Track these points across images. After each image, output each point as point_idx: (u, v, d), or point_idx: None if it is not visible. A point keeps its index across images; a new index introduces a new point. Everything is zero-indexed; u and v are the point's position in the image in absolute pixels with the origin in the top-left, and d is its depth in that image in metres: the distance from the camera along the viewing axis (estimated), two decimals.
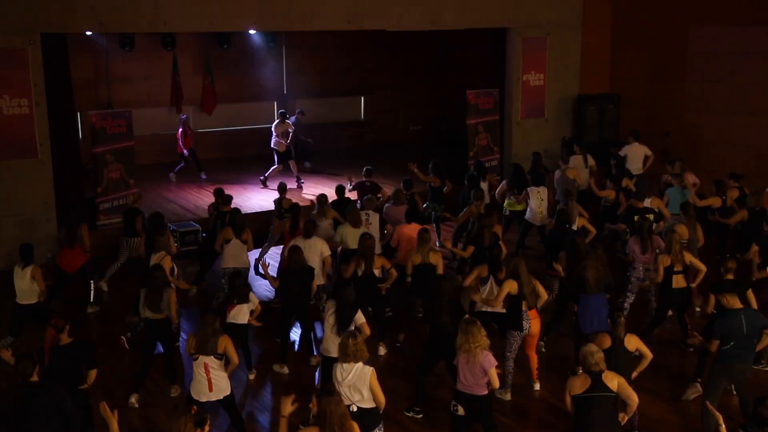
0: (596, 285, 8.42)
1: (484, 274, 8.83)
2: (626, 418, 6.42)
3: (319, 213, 11.05)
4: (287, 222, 10.86)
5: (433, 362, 8.12)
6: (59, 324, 6.98)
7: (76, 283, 10.84)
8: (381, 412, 6.48)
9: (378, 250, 10.36)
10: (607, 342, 6.97)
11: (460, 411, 6.77)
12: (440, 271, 9.42)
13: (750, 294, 7.95)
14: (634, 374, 7.20)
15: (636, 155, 14.28)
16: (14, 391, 6.10)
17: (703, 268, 9.22)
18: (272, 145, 16.59)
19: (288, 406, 5.53)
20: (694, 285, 9.34)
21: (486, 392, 6.74)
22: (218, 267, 10.86)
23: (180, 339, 9.79)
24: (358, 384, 6.26)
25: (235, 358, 7.15)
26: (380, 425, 6.43)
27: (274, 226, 11.99)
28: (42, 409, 5.95)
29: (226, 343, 7.09)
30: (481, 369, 6.62)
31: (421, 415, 8.01)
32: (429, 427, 7.84)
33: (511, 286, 8.17)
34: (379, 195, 12.32)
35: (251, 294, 8.66)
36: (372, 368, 6.36)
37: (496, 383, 6.75)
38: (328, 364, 7.24)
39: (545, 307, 8.77)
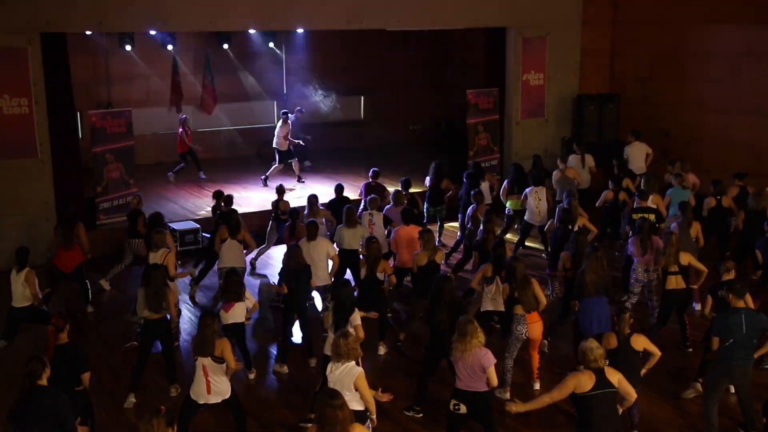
0: (595, 288, 8.41)
1: (488, 273, 8.85)
2: (621, 410, 6.43)
3: (310, 213, 11.08)
4: (286, 228, 10.91)
5: (436, 362, 8.11)
6: (60, 323, 6.97)
7: (72, 282, 10.86)
8: (373, 415, 6.41)
9: (385, 248, 10.39)
10: (614, 341, 7.00)
11: (462, 409, 6.74)
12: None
13: (747, 296, 7.94)
14: (644, 371, 7.24)
15: (638, 154, 14.32)
16: (26, 392, 6.05)
17: (704, 269, 9.23)
18: (274, 145, 16.62)
19: None
20: (695, 286, 9.32)
21: (486, 388, 6.75)
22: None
23: (180, 339, 9.82)
24: (344, 383, 6.18)
25: (232, 363, 7.09)
26: (367, 424, 6.39)
27: (270, 228, 11.99)
28: (38, 411, 5.92)
29: (224, 347, 7.04)
30: (480, 367, 6.60)
31: (421, 415, 8.01)
32: (429, 427, 7.83)
33: (505, 290, 8.20)
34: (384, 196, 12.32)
35: (247, 292, 8.65)
36: (361, 370, 6.30)
37: (495, 381, 6.72)
38: (326, 364, 7.23)
39: (547, 308, 8.76)
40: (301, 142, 17.26)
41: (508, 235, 13.03)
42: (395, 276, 10.23)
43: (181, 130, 16.72)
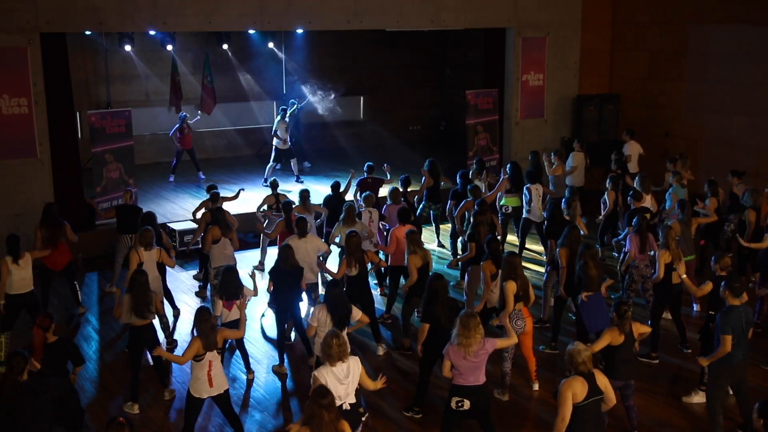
0: (599, 281, 8.58)
1: (494, 270, 8.83)
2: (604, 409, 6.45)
3: (303, 208, 11.06)
4: (282, 222, 10.86)
5: (433, 360, 8.08)
6: (45, 323, 6.97)
7: (62, 281, 10.82)
8: (374, 390, 6.59)
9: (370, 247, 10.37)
10: (620, 337, 7.09)
11: (466, 405, 6.72)
12: (431, 265, 9.52)
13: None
14: (636, 344, 7.35)
15: (635, 154, 14.37)
16: (8, 388, 6.04)
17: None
18: (275, 144, 16.60)
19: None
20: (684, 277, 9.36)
21: (485, 380, 6.78)
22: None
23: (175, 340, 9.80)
24: (356, 378, 6.32)
25: (239, 334, 7.58)
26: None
27: (270, 222, 11.94)
28: (30, 406, 5.93)
29: (225, 334, 7.26)
30: (486, 355, 6.68)
31: (420, 415, 8.01)
32: (428, 427, 7.83)
33: (513, 288, 8.19)
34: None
35: (244, 288, 8.62)
36: (357, 356, 6.47)
37: (505, 342, 7.03)
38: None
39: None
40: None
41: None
42: (391, 278, 10.23)
43: (176, 126, 16.72)
